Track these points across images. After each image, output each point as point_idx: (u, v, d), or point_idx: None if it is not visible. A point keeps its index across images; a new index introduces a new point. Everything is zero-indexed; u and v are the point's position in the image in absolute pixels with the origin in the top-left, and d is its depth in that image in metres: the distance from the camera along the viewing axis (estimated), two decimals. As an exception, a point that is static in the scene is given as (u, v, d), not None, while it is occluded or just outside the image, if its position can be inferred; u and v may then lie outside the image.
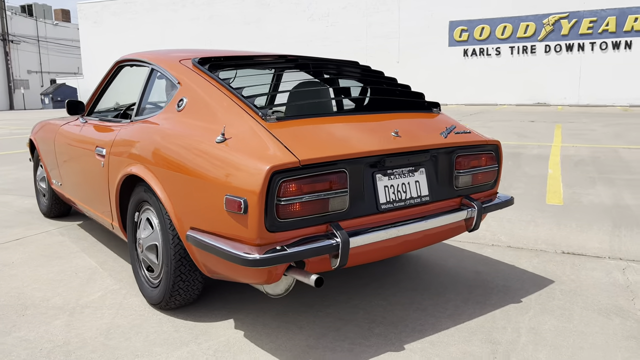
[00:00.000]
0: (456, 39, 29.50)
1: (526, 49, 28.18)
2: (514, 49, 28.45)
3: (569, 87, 27.58)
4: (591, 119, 16.05)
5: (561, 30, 27.25)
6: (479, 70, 29.28)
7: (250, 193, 1.80)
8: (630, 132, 11.22)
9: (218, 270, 2.07)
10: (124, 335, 2.21)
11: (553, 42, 27.52)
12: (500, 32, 28.51)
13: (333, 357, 2.01)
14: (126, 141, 2.54)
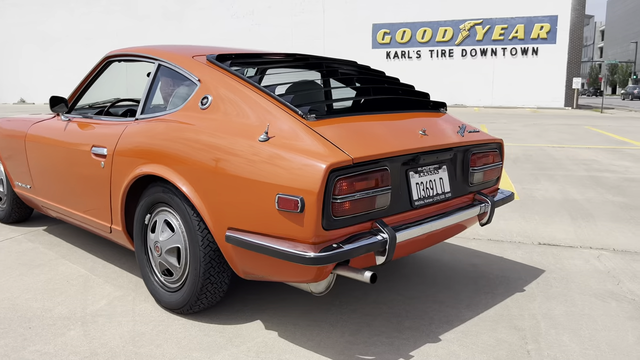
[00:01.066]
0: (379, 42, 30.34)
1: (445, 53, 29.54)
2: (434, 53, 29.71)
3: (484, 89, 29.22)
4: (509, 119, 17.14)
5: (476, 35, 28.80)
6: (401, 72, 30.27)
7: (307, 192, 1.80)
8: (549, 132, 12.13)
9: (259, 270, 2.05)
10: (153, 342, 2.12)
11: (469, 46, 29.04)
12: (421, 36, 29.67)
13: (375, 351, 2.05)
14: (137, 140, 2.42)
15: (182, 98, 2.45)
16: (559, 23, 27.52)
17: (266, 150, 1.95)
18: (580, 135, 11.58)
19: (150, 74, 2.64)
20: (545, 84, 28.00)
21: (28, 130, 3.29)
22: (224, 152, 2.05)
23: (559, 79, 27.84)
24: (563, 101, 27.87)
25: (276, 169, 1.89)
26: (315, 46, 31.37)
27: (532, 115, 20.11)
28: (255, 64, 2.69)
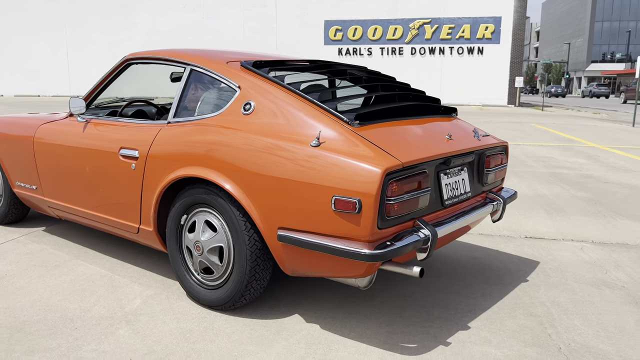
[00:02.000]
0: (331, 38, 30.60)
1: (395, 51, 30.18)
2: (384, 50, 30.30)
3: (433, 87, 30.07)
4: (460, 117, 17.77)
5: (425, 34, 29.59)
6: (353, 68, 30.69)
7: (365, 194, 1.95)
8: (500, 130, 12.75)
9: (309, 267, 2.18)
10: (204, 338, 2.21)
11: (418, 45, 29.81)
12: (372, 34, 30.17)
13: (415, 340, 2.23)
14: (176, 143, 2.48)
15: (218, 103, 2.54)
16: (502, 24, 28.71)
17: (320, 155, 2.08)
18: (530, 133, 12.25)
19: (182, 78, 2.70)
20: (490, 82, 29.16)
21: (36, 131, 3.26)
22: (275, 157, 2.17)
23: (502, 78, 29.07)
24: (506, 99, 29.12)
25: (331, 172, 2.03)
26: (268, 41, 31.29)
27: (480, 113, 20.95)
28: (286, 69, 2.80)
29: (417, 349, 2.14)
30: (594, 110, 25.04)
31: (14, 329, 2.26)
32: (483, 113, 21.06)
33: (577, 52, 74.75)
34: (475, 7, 28.84)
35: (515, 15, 28.55)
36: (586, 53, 72.64)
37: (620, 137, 11.70)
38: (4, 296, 2.60)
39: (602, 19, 71.22)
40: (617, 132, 13.05)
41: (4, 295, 2.61)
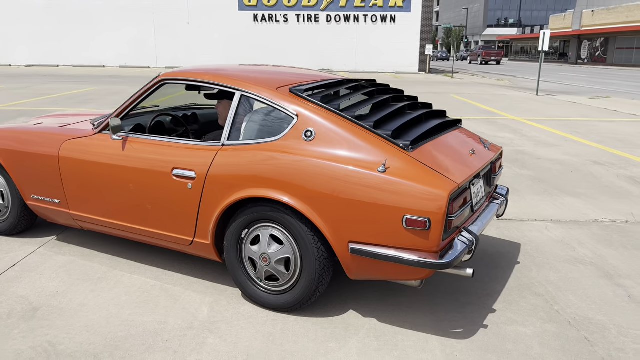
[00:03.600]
0: (246, 4, 30.05)
1: (311, 18, 30.29)
2: (300, 17, 30.30)
3: (348, 54, 30.70)
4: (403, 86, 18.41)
5: (340, 1, 29.90)
6: (270, 35, 30.49)
7: (434, 213, 2.35)
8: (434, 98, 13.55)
9: (374, 273, 2.56)
10: (287, 339, 2.55)
11: (333, 12, 30.11)
12: (287, 0, 29.97)
13: (460, 325, 2.71)
14: (238, 165, 2.70)
15: (274, 128, 2.78)
16: (413, -8, 29.68)
17: (388, 180, 2.44)
18: (453, 105, 13.17)
19: (232, 102, 2.90)
20: (403, 50, 30.28)
21: (61, 148, 3.29)
22: (345, 181, 2.49)
23: (414, 46, 30.28)
24: (417, 66, 30.44)
25: (401, 195, 2.40)
26: (179, 5, 30.06)
27: (396, 82, 21.87)
28: (332, 90, 3.06)
29: (465, 334, 2.63)
30: (497, 77, 26.92)
31: (111, 347, 2.46)
32: (398, 82, 21.99)
33: (474, 17, 78.70)
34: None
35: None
36: (482, 18, 76.71)
37: (531, 107, 12.94)
38: (73, 315, 2.74)
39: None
40: (527, 101, 14.37)
41: (73, 314, 2.75)
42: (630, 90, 19.42)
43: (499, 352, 2.47)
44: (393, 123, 2.78)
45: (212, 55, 30.82)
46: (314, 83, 3.10)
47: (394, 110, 2.96)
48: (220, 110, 3.34)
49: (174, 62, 30.92)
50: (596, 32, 46.69)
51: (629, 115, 11.64)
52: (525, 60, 63.31)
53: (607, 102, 14.52)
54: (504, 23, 76.49)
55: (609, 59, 46.31)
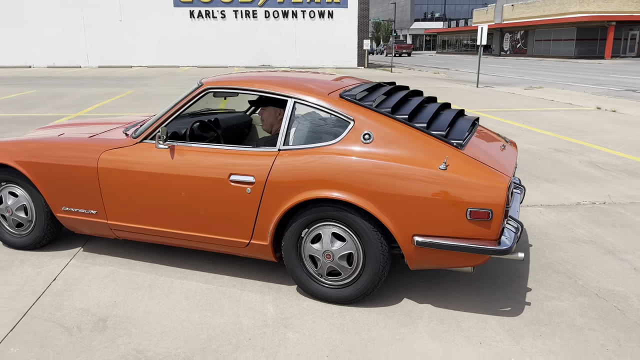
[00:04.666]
0: (181, 0, 29.40)
1: (249, 14, 30.10)
2: (238, 13, 30.05)
3: (288, 50, 30.81)
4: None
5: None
6: (207, 32, 30.03)
7: (496, 205, 2.62)
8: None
9: (436, 263, 2.79)
10: (360, 328, 2.73)
11: (272, 8, 30.09)
12: (224, -4, 29.62)
13: (506, 304, 3.00)
14: (299, 169, 2.84)
15: (330, 132, 2.94)
16: (349, -11, 30.17)
17: (450, 177, 2.68)
18: (406, 99, 13.64)
19: (285, 108, 3.03)
20: (341, 45, 30.77)
21: (99, 159, 3.28)
22: (408, 179, 2.71)
23: (352, 41, 30.83)
24: (356, 61, 31.03)
25: (464, 190, 2.65)
26: (109, 1, 28.95)
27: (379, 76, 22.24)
28: (375, 94, 3.23)
29: (514, 311, 2.92)
30: (433, 70, 27.97)
31: (199, 349, 2.54)
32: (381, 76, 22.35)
33: (402, 11, 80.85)
34: (323, -29, 29.78)
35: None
36: (410, 12, 78.96)
37: (476, 99, 13.67)
38: (144, 322, 2.79)
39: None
40: (470, 93, 15.14)
41: (144, 321, 2.80)
42: (556, 81, 20.83)
43: (550, 324, 2.78)
44: (439, 123, 3.01)
45: (147, 53, 29.97)
46: (356, 87, 3.28)
47: (435, 111, 3.19)
48: (265, 117, 3.45)
49: (107, 60, 29.79)
50: (516, 25, 49.37)
51: (566, 105, 12.57)
52: (452, 52, 65.90)
53: (542, 92, 15.57)
54: (431, 17, 79.17)
55: (529, 50, 49.14)
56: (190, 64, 30.41)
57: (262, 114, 3.48)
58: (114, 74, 24.23)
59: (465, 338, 2.66)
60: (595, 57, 41.01)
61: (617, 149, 7.31)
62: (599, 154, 6.96)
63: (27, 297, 3.06)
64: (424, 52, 73.59)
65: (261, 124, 3.54)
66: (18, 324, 2.76)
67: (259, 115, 4.47)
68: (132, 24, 29.40)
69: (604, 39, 40.96)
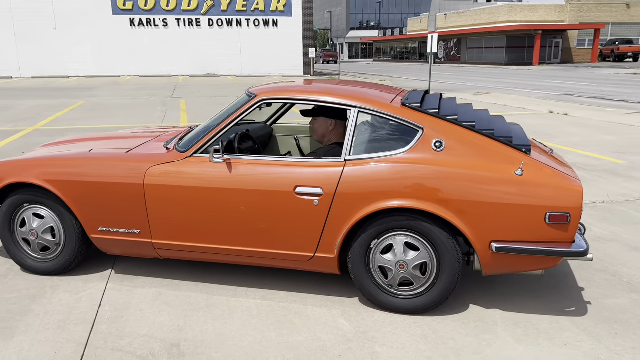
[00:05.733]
0: (120, 8, 28.49)
1: (192, 22, 29.56)
2: (181, 22, 29.44)
3: (233, 59, 30.49)
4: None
5: (221, 6, 29.58)
6: (149, 41, 29.18)
7: (573, 208, 2.68)
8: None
9: (510, 268, 2.82)
10: (444, 337, 2.72)
11: (215, 16, 29.70)
12: (165, 4, 28.97)
13: (569, 304, 3.08)
14: (371, 179, 2.80)
15: (398, 141, 2.92)
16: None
17: (527, 182, 2.73)
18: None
19: (349, 119, 2.98)
20: (287, 53, 30.79)
21: (146, 175, 3.09)
22: (485, 185, 2.73)
23: (297, 49, 30.93)
24: (302, 69, 31.14)
25: (542, 194, 2.70)
26: (42, 9, 27.52)
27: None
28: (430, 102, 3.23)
29: (579, 311, 3.00)
30: (378, 78, 28.52)
31: (296, 371, 2.44)
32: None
33: (338, 20, 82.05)
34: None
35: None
36: (345, 21, 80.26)
37: (436, 106, 14.02)
38: (221, 344, 2.64)
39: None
40: (427, 100, 15.50)
41: (221, 344, 2.65)
42: (498, 86, 21.79)
43: (620, 322, 2.88)
44: (500, 129, 3.05)
45: (84, 63, 28.72)
46: (409, 95, 3.27)
47: (488, 117, 3.24)
48: (317, 127, 3.37)
49: (41, 71, 28.27)
50: (450, 33, 51.29)
51: (519, 109, 13.16)
52: (388, 60, 67.54)
53: (492, 98, 16.22)
54: (366, 26, 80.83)
55: (463, 57, 51.20)
56: (132, 73, 29.41)
57: (314, 124, 3.40)
58: (52, 84, 23.02)
59: (547, 340, 2.71)
60: (524, 64, 43.29)
61: (588, 150, 7.73)
62: (574, 156, 7.32)
63: (79, 326, 2.83)
64: (360, 60, 75.01)
65: (313, 135, 3.45)
66: (84, 357, 2.54)
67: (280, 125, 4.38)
68: (68, 32, 28.08)
69: (531, 46, 43.33)
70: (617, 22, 46.16)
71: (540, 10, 44.91)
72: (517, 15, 44.67)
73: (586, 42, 45.77)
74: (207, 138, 3.12)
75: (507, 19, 44.83)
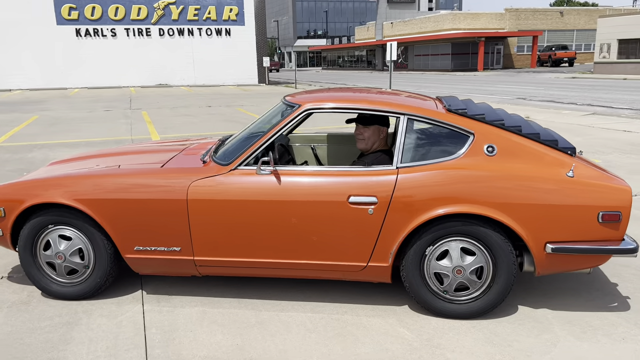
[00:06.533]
0: (65, 18, 27.51)
1: (142, 32, 28.88)
2: (130, 31, 28.71)
3: (186, 68, 29.97)
4: (248, 100, 18.43)
5: (172, 15, 29.05)
6: (97, 52, 28.25)
7: (624, 207, 2.78)
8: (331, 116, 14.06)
9: (563, 267, 2.88)
10: (508, 339, 2.74)
11: (166, 26, 29.15)
12: (113, 13, 28.21)
13: (613, 299, 3.18)
14: (424, 186, 2.79)
15: (449, 147, 2.93)
16: (245, 6, 30.15)
17: (579, 182, 2.80)
18: (335, 114, 13.87)
19: (400, 127, 2.97)
20: (241, 62, 30.56)
21: (189, 191, 2.96)
22: (539, 188, 2.78)
23: (251, 58, 30.75)
24: (257, 78, 30.99)
25: (594, 194, 2.78)
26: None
27: (248, 95, 22.09)
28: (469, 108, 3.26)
29: (622, 306, 3.10)
30: (335, 85, 28.75)
31: (378, 383, 2.39)
32: (250, 95, 22.23)
33: (284, 28, 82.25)
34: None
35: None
36: (292, 30, 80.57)
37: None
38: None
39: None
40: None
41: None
42: (453, 92, 22.43)
43: (663, 314, 3.00)
44: (542, 132, 3.13)
45: (28, 76, 27.43)
46: (449, 101, 3.30)
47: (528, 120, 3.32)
48: (368, 135, 3.32)
49: (-20, 84, 26.79)
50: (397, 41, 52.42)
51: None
52: (337, 68, 68.25)
53: (452, 103, 16.65)
54: (313, 34, 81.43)
55: (410, 65, 52.41)
56: (80, 85, 28.34)
57: (363, 132, 3.35)
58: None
59: (605, 336, 2.78)
60: (470, 70, 44.80)
61: (563, 151, 8.04)
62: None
63: (131, 351, 2.67)
64: (309, 68, 75.43)
65: (359, 143, 3.41)
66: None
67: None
68: (9, 43, 26.76)
69: (475, 53, 44.91)
70: (552, 29, 48.61)
71: (482, 18, 46.66)
72: (460, 23, 46.22)
73: (525, 48, 47.89)
74: (252, 150, 3.03)
75: (451, 26, 46.30)
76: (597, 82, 26.78)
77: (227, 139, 3.68)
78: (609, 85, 23.64)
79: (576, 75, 32.12)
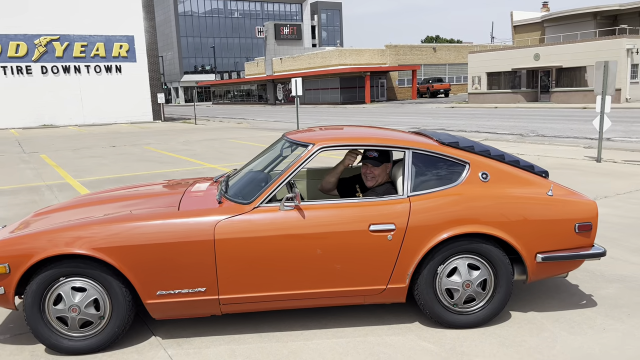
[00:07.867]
0: None
1: (21, 70, 27.08)
2: (7, 69, 26.78)
3: (73, 107, 28.45)
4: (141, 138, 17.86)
5: (55, 52, 27.59)
6: (-29, 91, 25.90)
7: (593, 217, 3.33)
8: (231, 155, 14.08)
9: (549, 273, 3.34)
10: (532, 345, 3.12)
11: (49, 63, 27.61)
12: (-12, 51, 26.06)
13: (583, 296, 3.72)
14: (436, 211, 3.14)
15: (450, 175, 3.31)
16: (136, 43, 29.44)
17: (558, 200, 3.31)
18: (250, 149, 14.05)
19: (406, 160, 3.30)
20: (133, 100, 29.62)
21: (215, 231, 3.03)
22: (529, 206, 3.25)
23: (144, 95, 29.93)
24: (152, 115, 30.17)
25: (570, 209, 3.30)
26: None
27: (148, 133, 21.47)
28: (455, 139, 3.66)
29: (590, 302, 3.64)
30: (235, 121, 28.79)
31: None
32: (151, 132, 21.63)
33: (170, 64, 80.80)
34: (106, 25, 28.60)
35: (147, 34, 29.72)
36: (178, 65, 79.42)
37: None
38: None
39: (187, 35, 79.19)
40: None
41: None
42: (352, 124, 23.55)
43: (624, 305, 3.57)
44: (520, 160, 3.63)
45: None
46: (437, 135, 3.71)
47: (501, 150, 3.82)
48: (378, 173, 3.60)
49: None
50: (287, 76, 53.81)
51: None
52: (227, 103, 68.22)
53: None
54: (201, 70, 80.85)
55: (302, 99, 53.85)
56: (-51, 128, 25.67)
57: (374, 171, 3.62)
58: None
59: (590, 328, 3.26)
60: (358, 102, 47.16)
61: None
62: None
63: (181, 396, 2.66)
64: (199, 103, 74.51)
65: (369, 181, 3.68)
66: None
67: None
68: None
69: (362, 86, 47.46)
70: (428, 63, 52.87)
71: (366, 54, 49.57)
72: (346, 59, 48.68)
73: (405, 82, 51.50)
74: (272, 188, 3.18)
75: (338, 62, 48.59)
76: (474, 110, 29.59)
77: (229, 177, 3.77)
78: (486, 114, 26.24)
79: (454, 105, 35.16)
